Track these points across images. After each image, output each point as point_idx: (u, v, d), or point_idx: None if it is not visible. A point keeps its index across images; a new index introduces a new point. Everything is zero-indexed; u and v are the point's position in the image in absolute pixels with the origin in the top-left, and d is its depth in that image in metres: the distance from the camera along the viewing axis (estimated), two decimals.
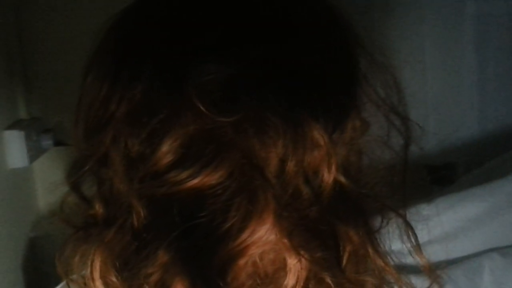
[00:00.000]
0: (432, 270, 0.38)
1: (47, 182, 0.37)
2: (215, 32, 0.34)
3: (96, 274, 0.35)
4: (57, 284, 0.44)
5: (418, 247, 0.37)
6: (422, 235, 0.81)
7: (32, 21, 0.92)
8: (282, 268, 0.34)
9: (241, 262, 0.33)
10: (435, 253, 0.79)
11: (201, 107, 0.31)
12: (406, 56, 1.00)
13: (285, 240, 0.33)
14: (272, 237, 0.33)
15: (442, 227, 0.79)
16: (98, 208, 0.36)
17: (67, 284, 0.39)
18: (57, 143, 0.90)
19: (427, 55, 1.00)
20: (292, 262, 0.33)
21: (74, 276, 0.39)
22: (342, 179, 0.34)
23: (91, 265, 0.35)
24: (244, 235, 0.32)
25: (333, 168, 0.33)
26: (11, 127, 0.86)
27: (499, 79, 1.04)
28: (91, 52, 0.37)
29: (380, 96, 0.37)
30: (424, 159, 1.06)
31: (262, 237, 0.33)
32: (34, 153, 0.89)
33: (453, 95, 1.03)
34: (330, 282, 0.33)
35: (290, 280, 0.33)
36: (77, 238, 0.38)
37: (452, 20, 1.01)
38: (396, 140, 0.37)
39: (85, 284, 0.37)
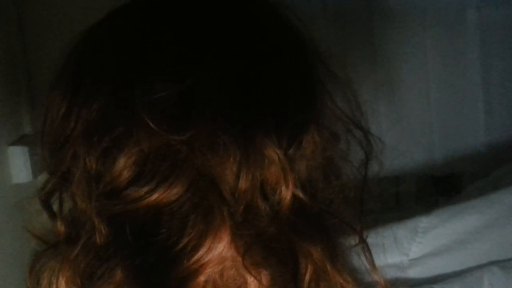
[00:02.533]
0: (386, 285, 0.37)
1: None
2: (167, 51, 0.34)
3: None
4: None
5: (373, 264, 0.37)
6: (420, 248, 0.80)
7: (36, 36, 0.94)
8: (243, 285, 0.34)
9: (199, 280, 0.33)
10: (433, 266, 0.78)
11: (152, 125, 0.32)
12: (408, 66, 0.99)
13: (243, 258, 0.33)
14: (229, 254, 0.33)
15: (440, 239, 0.78)
16: (60, 226, 0.36)
17: None
18: None
19: (430, 65, 0.99)
20: (251, 279, 0.33)
21: None
22: (301, 194, 0.34)
23: (56, 283, 0.36)
24: (200, 253, 0.32)
25: (291, 184, 0.33)
26: (15, 143, 0.88)
27: (504, 88, 1.03)
28: (55, 70, 0.38)
29: (340, 109, 0.37)
30: (430, 170, 1.04)
31: (219, 255, 0.33)
32: (39, 168, 0.91)
33: (457, 105, 1.02)
34: None
35: None
36: (47, 254, 0.38)
37: (455, 29, 1.00)
38: (358, 154, 0.37)
39: None
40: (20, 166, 0.88)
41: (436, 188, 1.09)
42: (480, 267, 0.75)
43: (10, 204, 0.87)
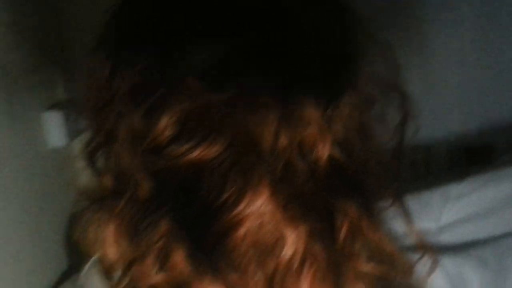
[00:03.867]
0: (424, 245, 0.38)
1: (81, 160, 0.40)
2: (210, 13, 0.35)
3: (109, 242, 0.38)
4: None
5: (409, 223, 0.37)
6: (451, 215, 0.80)
7: (69, 2, 0.96)
8: (281, 238, 0.35)
9: (239, 233, 0.34)
10: (464, 233, 0.78)
11: (195, 85, 0.33)
12: (443, 31, 0.97)
13: (281, 212, 0.34)
14: (268, 209, 0.34)
15: (472, 206, 0.78)
16: (107, 181, 0.38)
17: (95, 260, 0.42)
18: None
19: (466, 30, 0.97)
20: (289, 233, 0.34)
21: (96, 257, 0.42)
22: (338, 154, 0.35)
23: (104, 234, 0.38)
24: (240, 207, 0.33)
25: (328, 143, 0.34)
26: (50, 108, 0.90)
27: None
28: (97, 33, 0.39)
29: (379, 72, 0.37)
30: (463, 140, 1.03)
31: (259, 209, 0.34)
32: (73, 132, 0.93)
33: (495, 74, 1.00)
34: (323, 253, 0.34)
35: (288, 250, 0.35)
36: (92, 209, 0.40)
37: None
38: (395, 117, 0.37)
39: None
40: (55, 130, 0.90)
41: (469, 159, 1.08)
42: (510, 234, 0.75)
43: (47, 168, 0.90)
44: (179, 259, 0.35)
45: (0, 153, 0.71)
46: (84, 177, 0.44)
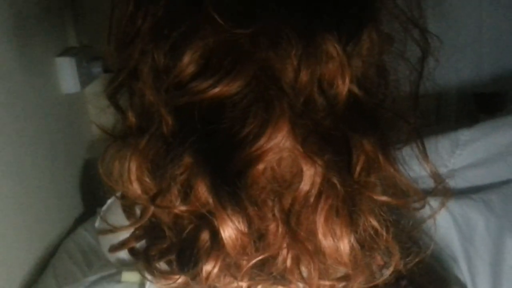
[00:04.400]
0: (438, 175, 0.39)
1: (99, 106, 0.40)
2: None
3: (133, 177, 0.39)
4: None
5: (425, 154, 0.38)
6: (460, 160, 0.81)
7: None
8: (298, 173, 0.36)
9: (260, 167, 0.35)
10: (472, 177, 0.80)
11: (219, 20, 0.33)
12: None
13: (300, 147, 0.35)
14: (288, 143, 0.35)
15: (480, 152, 0.78)
16: (131, 118, 0.39)
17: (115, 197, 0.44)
18: (106, 70, 0.94)
19: None
20: (307, 167, 0.35)
21: (118, 194, 0.43)
22: (356, 90, 0.35)
23: (128, 169, 0.39)
24: (261, 141, 0.34)
25: (347, 79, 0.35)
26: (62, 54, 0.91)
27: None
28: None
29: (399, 7, 0.37)
30: (474, 87, 1.03)
31: (279, 144, 0.35)
32: (85, 79, 0.94)
33: (509, 21, 0.98)
34: (339, 184, 0.35)
35: (305, 185, 0.36)
36: (115, 146, 0.41)
37: None
38: (414, 53, 0.38)
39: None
40: (68, 76, 0.91)
41: (479, 106, 1.07)
42: None
43: (61, 113, 0.91)
44: (202, 191, 0.36)
45: (14, 99, 0.72)
46: (103, 120, 0.44)
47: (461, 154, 0.78)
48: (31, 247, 0.74)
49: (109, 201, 0.48)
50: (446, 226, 0.67)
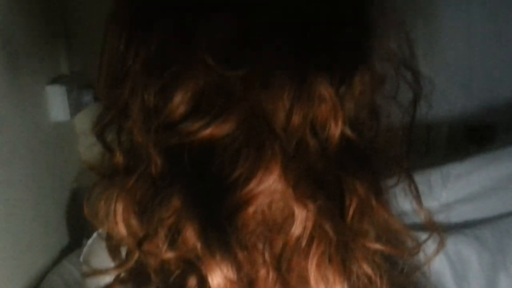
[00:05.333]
0: (432, 223, 0.39)
1: (88, 135, 0.39)
2: None
3: (119, 218, 0.38)
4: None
5: (419, 200, 0.38)
6: (452, 194, 0.80)
7: None
8: (290, 216, 0.35)
9: (250, 210, 0.35)
10: (465, 212, 0.79)
11: (210, 61, 0.33)
12: (451, 10, 0.96)
13: (291, 190, 0.34)
14: (279, 186, 0.34)
15: (472, 186, 0.78)
16: (119, 157, 0.38)
17: (98, 234, 0.43)
18: (97, 98, 0.94)
19: (473, 10, 0.97)
20: (299, 211, 0.35)
21: (100, 231, 0.42)
22: (349, 132, 0.35)
23: (114, 210, 0.38)
24: (252, 184, 0.34)
25: (340, 121, 0.34)
26: (53, 82, 0.90)
27: None
28: (111, 8, 0.38)
29: (391, 50, 0.37)
30: (465, 119, 1.03)
31: (270, 187, 0.34)
32: (76, 107, 0.93)
33: (500, 55, 0.99)
34: (331, 231, 0.34)
35: (297, 228, 0.35)
36: (102, 184, 0.40)
37: None
38: (406, 95, 0.38)
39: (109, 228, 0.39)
40: (58, 104, 0.90)
41: (469, 138, 1.08)
42: (510, 213, 0.76)
43: (49, 141, 0.90)
44: (190, 235, 0.35)
45: (2, 126, 0.71)
46: (92, 151, 0.44)
47: (453, 188, 0.78)
48: (14, 279, 0.72)
49: (90, 241, 0.46)
50: (440, 263, 0.67)
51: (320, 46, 0.34)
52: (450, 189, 0.80)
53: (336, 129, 0.34)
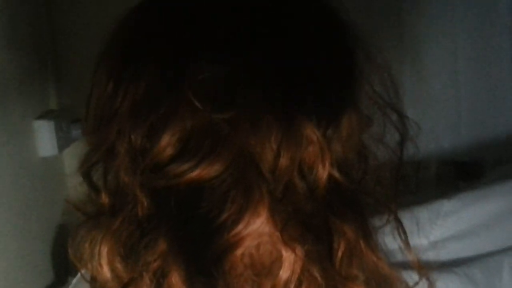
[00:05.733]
0: (421, 267, 0.38)
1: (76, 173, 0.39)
2: (212, 32, 0.35)
3: (103, 261, 0.37)
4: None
5: (407, 243, 0.38)
6: (441, 232, 0.80)
7: (63, 13, 0.95)
8: (278, 260, 0.35)
9: (237, 253, 0.34)
10: (454, 250, 0.79)
11: (197, 104, 0.33)
12: (437, 48, 0.98)
13: (279, 233, 0.34)
14: (267, 229, 0.34)
15: (461, 223, 0.78)
16: (105, 198, 0.38)
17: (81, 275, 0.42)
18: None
19: (460, 48, 0.98)
20: (287, 254, 0.34)
21: (83, 271, 0.41)
22: (337, 174, 0.35)
23: (99, 253, 0.37)
24: (239, 227, 0.33)
25: (327, 164, 0.34)
26: (41, 117, 0.90)
27: None
28: (101, 49, 0.39)
29: (377, 92, 0.38)
30: (453, 155, 1.04)
31: (257, 229, 0.34)
32: (64, 142, 0.93)
33: (487, 91, 1.01)
34: (320, 275, 0.34)
35: (285, 272, 0.34)
36: (87, 225, 0.40)
37: (485, 13, 0.99)
38: (393, 137, 0.38)
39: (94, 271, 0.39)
40: (46, 140, 0.90)
41: (458, 173, 1.09)
42: (501, 251, 0.76)
43: (37, 177, 0.89)
44: (175, 280, 0.34)
45: None
46: (78, 190, 0.43)
47: (442, 225, 0.77)
48: None
49: (74, 280, 0.45)
50: None
51: (307, 89, 0.35)
52: (440, 227, 0.79)
53: (323, 171, 0.34)
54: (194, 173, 0.34)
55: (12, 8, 0.81)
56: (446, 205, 0.80)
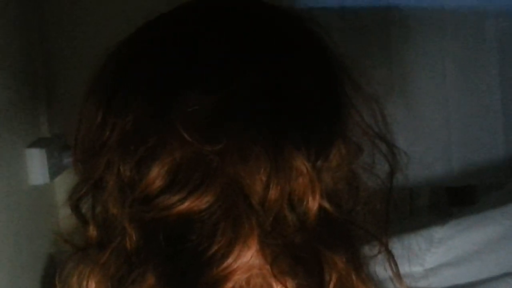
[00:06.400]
0: None
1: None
2: (199, 64, 0.35)
3: None
4: None
5: (398, 275, 0.37)
6: (435, 259, 0.80)
7: (56, 41, 0.96)
8: None
9: (227, 287, 0.34)
10: (448, 277, 0.78)
11: (186, 136, 0.33)
12: (427, 77, 0.99)
13: (270, 266, 0.33)
14: (257, 262, 0.34)
15: (455, 250, 0.78)
16: (93, 230, 0.37)
17: None
18: None
19: (448, 75, 1.00)
20: (278, 287, 0.34)
21: None
22: (327, 205, 0.35)
23: (86, 287, 0.37)
24: (229, 260, 0.33)
25: (317, 195, 0.34)
26: (33, 145, 0.89)
27: None
28: (89, 80, 0.39)
29: (366, 123, 0.38)
30: (446, 181, 1.04)
31: (247, 263, 0.33)
32: (55, 170, 0.92)
33: (476, 117, 1.02)
34: None
35: None
36: (76, 258, 0.39)
37: (473, 39, 1.00)
38: (383, 167, 0.38)
39: None
40: (37, 168, 0.89)
41: (451, 199, 1.09)
42: (495, 278, 0.75)
43: (27, 205, 0.88)
44: None
45: None
46: (66, 221, 0.43)
47: (436, 252, 0.77)
48: None
49: None
50: None
51: (295, 120, 0.35)
52: (434, 254, 0.79)
53: (313, 203, 0.34)
54: (184, 205, 0.33)
55: (4, 36, 0.82)
56: (439, 232, 0.80)
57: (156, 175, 0.34)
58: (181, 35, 0.37)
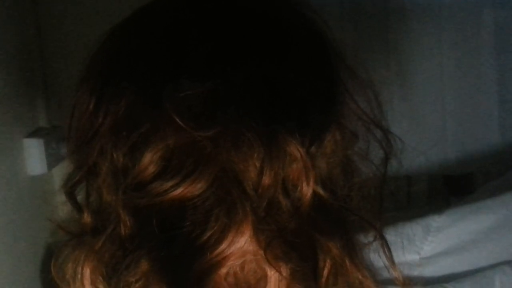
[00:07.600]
0: (406, 284, 0.38)
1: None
2: (194, 50, 0.35)
3: (86, 281, 0.37)
4: None
5: (392, 261, 0.37)
6: (432, 247, 0.80)
7: (52, 31, 0.96)
8: (263, 278, 0.35)
9: (221, 272, 0.34)
10: (445, 265, 0.78)
11: (179, 122, 0.33)
12: (423, 65, 0.99)
13: (264, 252, 0.34)
14: (251, 248, 0.34)
15: (452, 239, 0.78)
16: (87, 217, 0.37)
17: None
18: None
19: (445, 64, 0.99)
20: (272, 273, 0.34)
21: None
22: (321, 191, 0.35)
23: (81, 272, 0.37)
24: (223, 246, 0.33)
25: (312, 181, 0.34)
26: (31, 135, 0.89)
27: None
28: (83, 68, 0.39)
29: (361, 109, 0.38)
30: (443, 170, 1.04)
31: (241, 248, 0.33)
32: (54, 160, 0.92)
33: (472, 105, 1.02)
34: None
35: None
36: (71, 245, 0.39)
37: (470, 29, 1.00)
38: (377, 153, 0.38)
39: None
40: (35, 158, 0.89)
41: (448, 188, 1.09)
42: (492, 266, 0.75)
43: (25, 195, 0.88)
44: None
45: None
46: (64, 209, 0.43)
47: (433, 241, 0.77)
48: None
49: None
50: None
51: (289, 106, 0.35)
52: (431, 242, 0.79)
53: (308, 189, 0.34)
54: (177, 191, 0.33)
55: (1, 27, 0.82)
56: (436, 220, 0.80)
57: (149, 161, 0.34)
58: (174, 22, 0.37)
